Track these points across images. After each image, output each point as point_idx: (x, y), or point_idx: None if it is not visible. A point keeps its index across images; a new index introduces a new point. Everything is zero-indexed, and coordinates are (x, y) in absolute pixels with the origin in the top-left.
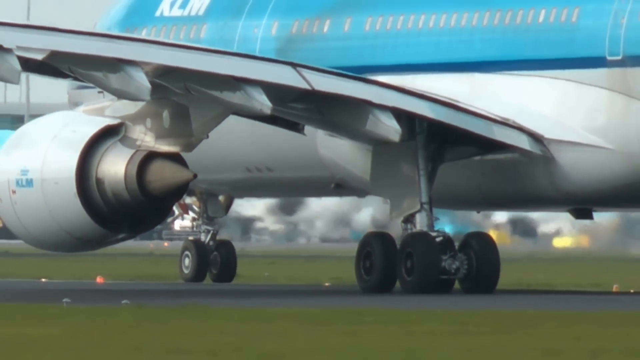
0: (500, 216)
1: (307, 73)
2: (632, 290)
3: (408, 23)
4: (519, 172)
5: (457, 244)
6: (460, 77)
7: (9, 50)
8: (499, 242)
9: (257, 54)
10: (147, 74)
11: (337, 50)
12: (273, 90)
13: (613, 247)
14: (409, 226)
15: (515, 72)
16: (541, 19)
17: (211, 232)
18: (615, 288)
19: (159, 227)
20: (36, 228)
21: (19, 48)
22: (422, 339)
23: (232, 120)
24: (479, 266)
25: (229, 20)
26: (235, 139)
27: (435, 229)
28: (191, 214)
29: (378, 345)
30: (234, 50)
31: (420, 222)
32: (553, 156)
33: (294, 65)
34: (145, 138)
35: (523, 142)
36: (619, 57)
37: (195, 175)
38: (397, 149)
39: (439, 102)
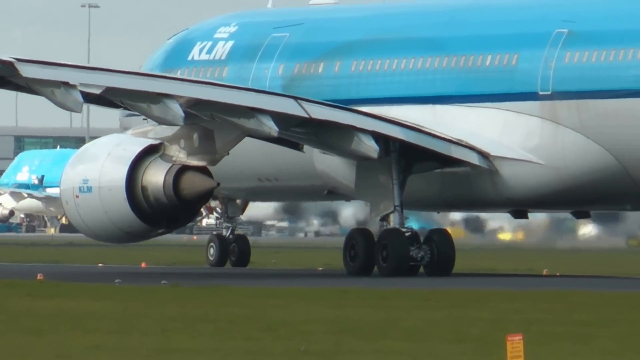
0: (456, 216)
1: (305, 104)
2: (558, 274)
3: (384, 66)
4: (470, 182)
5: (422, 238)
6: (424, 107)
7: (73, 86)
8: (455, 236)
9: (266, 89)
10: (181, 105)
11: (329, 87)
12: (279, 117)
13: (544, 240)
14: (384, 224)
15: (468, 104)
16: (488, 62)
17: (231, 228)
18: (545, 272)
19: (190, 224)
20: (94, 224)
21: (82, 85)
22: (395, 312)
23: (247, 141)
24: (439, 255)
25: (245, 63)
26: (249, 155)
27: (405, 226)
28: (215, 214)
29: (360, 316)
30: (249, 86)
31: (394, 221)
32: (497, 169)
33: (295, 98)
34: (180, 155)
35: (473, 159)
36: (549, 92)
37: (218, 184)
38: (376, 164)
39: (408, 127)
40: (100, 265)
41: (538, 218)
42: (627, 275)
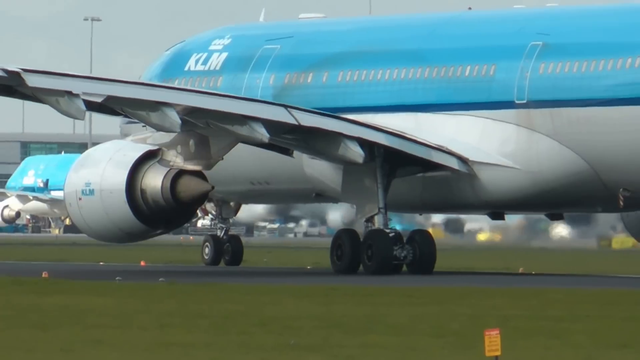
0: (437, 218)
1: (295, 112)
2: (533, 272)
3: (369, 76)
4: (450, 185)
5: (405, 238)
6: (407, 115)
7: (77, 95)
8: (436, 237)
9: (258, 98)
10: (178, 112)
11: (317, 96)
12: (270, 124)
13: (519, 241)
14: (369, 225)
15: (448, 112)
16: (467, 72)
17: (224, 228)
18: (520, 270)
19: (186, 225)
20: (96, 225)
21: (85, 94)
22: (379, 307)
23: (240, 147)
24: (421, 254)
25: (238, 74)
26: (242, 160)
27: (389, 227)
28: (210, 216)
29: (346, 311)
30: (242, 95)
31: (378, 222)
32: (475, 174)
33: (285, 106)
34: (177, 160)
35: (453, 163)
36: (524, 101)
37: (213, 187)
38: (362, 168)
39: (392, 133)
40: (101, 263)
41: (514, 220)
42: (598, 274)
